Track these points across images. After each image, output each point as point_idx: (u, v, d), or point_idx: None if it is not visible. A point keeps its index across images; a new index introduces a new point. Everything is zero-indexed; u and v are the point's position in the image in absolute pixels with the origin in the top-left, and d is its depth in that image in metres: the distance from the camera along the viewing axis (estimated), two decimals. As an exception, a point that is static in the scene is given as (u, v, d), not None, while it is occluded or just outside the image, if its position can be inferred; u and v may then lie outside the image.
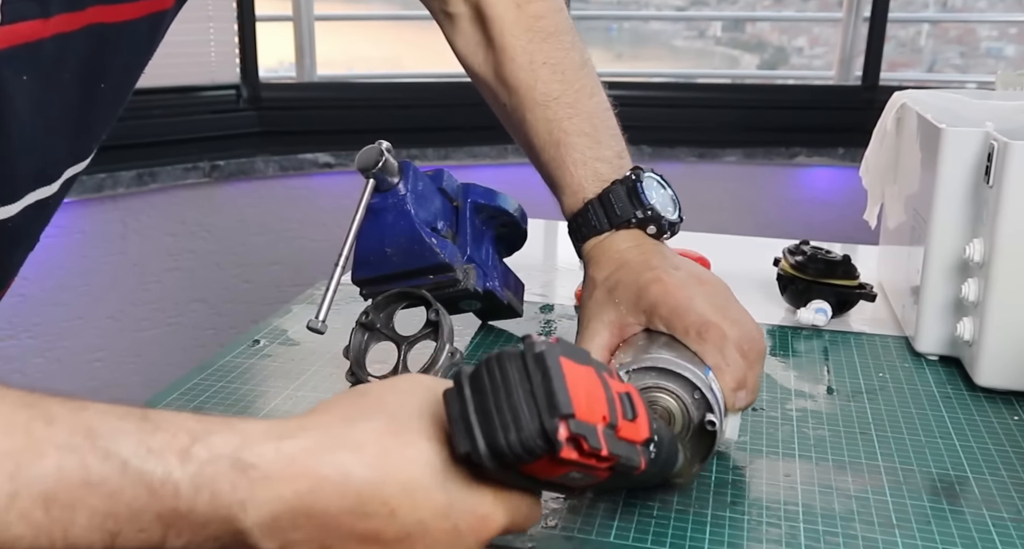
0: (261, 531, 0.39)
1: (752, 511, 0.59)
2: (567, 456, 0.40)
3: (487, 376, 0.41)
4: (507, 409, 0.40)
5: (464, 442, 0.41)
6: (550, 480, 0.43)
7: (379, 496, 0.40)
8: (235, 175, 2.22)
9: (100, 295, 2.12)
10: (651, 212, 0.69)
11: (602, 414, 0.42)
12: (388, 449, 0.41)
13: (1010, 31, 3.16)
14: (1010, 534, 0.57)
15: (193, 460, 0.38)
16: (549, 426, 0.39)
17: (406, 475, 0.41)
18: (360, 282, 0.74)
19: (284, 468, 0.39)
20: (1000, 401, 0.76)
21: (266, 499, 0.39)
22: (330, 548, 0.40)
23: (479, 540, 0.43)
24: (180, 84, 2.20)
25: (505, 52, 0.75)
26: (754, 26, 3.63)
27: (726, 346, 0.61)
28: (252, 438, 0.39)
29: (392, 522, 0.41)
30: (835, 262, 0.92)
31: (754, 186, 2.49)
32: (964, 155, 0.78)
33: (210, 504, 0.38)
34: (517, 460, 0.40)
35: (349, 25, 3.02)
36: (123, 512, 0.36)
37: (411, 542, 0.41)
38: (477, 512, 0.43)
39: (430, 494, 0.41)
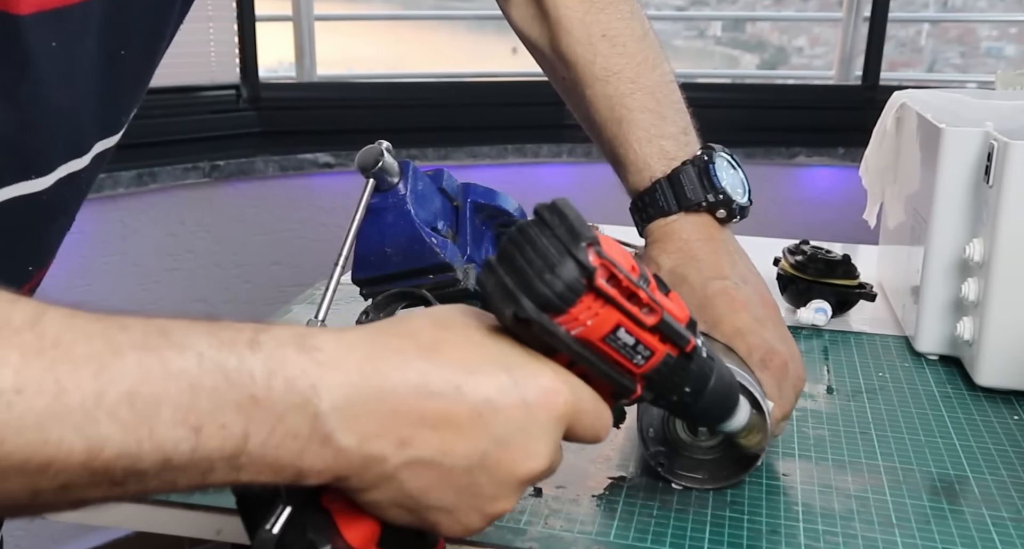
0: (338, 418, 0.38)
1: (752, 511, 0.59)
2: (603, 287, 0.40)
3: (511, 245, 0.42)
4: (537, 258, 0.40)
5: (507, 303, 0.41)
6: (603, 347, 0.42)
7: (440, 375, 0.40)
8: (235, 175, 2.22)
9: (100, 295, 2.12)
10: (723, 196, 0.67)
11: (631, 263, 0.42)
12: (438, 334, 0.42)
13: (1010, 31, 3.16)
14: (1010, 534, 0.57)
15: (262, 347, 0.38)
16: (579, 253, 0.40)
17: (462, 354, 0.41)
18: (360, 282, 0.74)
19: (346, 354, 0.39)
20: (1000, 401, 0.76)
21: (336, 382, 0.38)
22: (407, 441, 0.39)
23: (551, 416, 0.42)
24: (180, 84, 2.20)
25: (561, 25, 0.72)
26: (754, 26, 3.63)
27: (785, 379, 0.61)
28: (311, 331, 0.40)
29: (460, 400, 0.40)
30: (835, 262, 0.92)
31: (754, 186, 2.48)
32: (964, 155, 0.78)
33: (285, 388, 0.37)
34: (561, 299, 0.40)
35: (349, 25, 3.02)
36: (204, 404, 0.36)
37: (484, 422, 0.40)
38: (540, 384, 0.42)
39: (491, 368, 0.41)
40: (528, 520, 0.57)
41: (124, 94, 0.62)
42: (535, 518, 0.58)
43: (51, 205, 0.58)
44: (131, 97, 0.63)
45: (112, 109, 0.61)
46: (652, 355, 0.43)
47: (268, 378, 0.37)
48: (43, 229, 0.61)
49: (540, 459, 0.42)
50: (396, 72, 2.72)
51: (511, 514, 0.58)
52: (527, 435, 0.41)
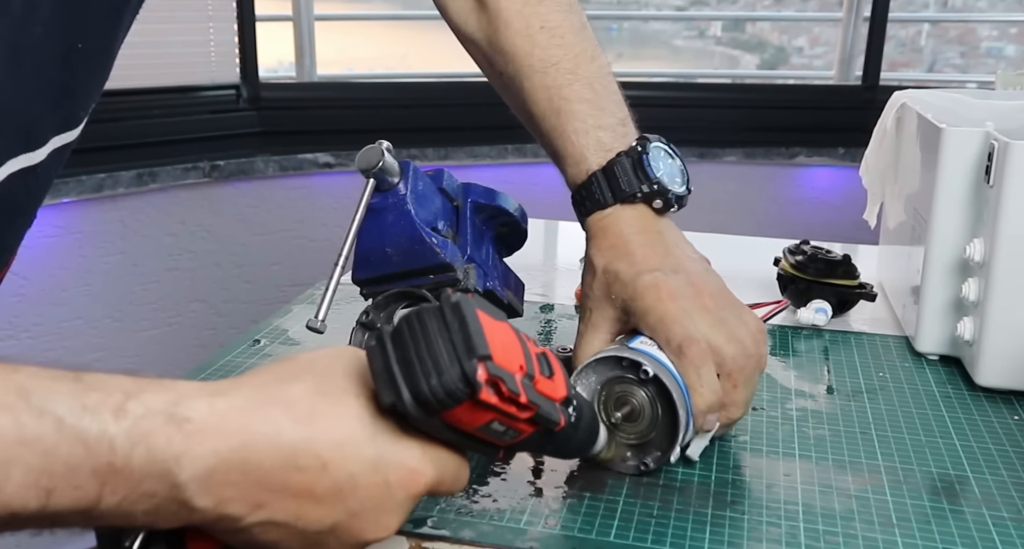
0: (196, 486, 0.39)
1: (752, 511, 0.59)
2: (487, 399, 0.42)
3: (407, 330, 0.43)
4: (428, 357, 0.42)
5: (388, 392, 0.42)
6: (474, 434, 0.44)
7: (310, 450, 0.41)
8: (235, 175, 2.22)
9: (100, 295, 2.12)
10: (657, 186, 0.67)
11: (519, 363, 0.44)
12: (317, 406, 0.42)
13: (1010, 31, 3.16)
14: (1010, 533, 0.57)
15: (128, 416, 0.38)
16: (468, 368, 0.41)
17: (336, 430, 0.42)
18: (360, 282, 0.74)
19: (218, 423, 0.39)
20: (1000, 401, 0.76)
21: (201, 453, 0.39)
22: (264, 505, 0.41)
23: (409, 495, 0.44)
24: (180, 84, 2.20)
25: (500, 16, 0.73)
26: (754, 26, 3.63)
27: (704, 366, 0.60)
28: (185, 395, 0.40)
29: (324, 476, 0.41)
30: (835, 262, 0.92)
31: (754, 186, 2.49)
32: (964, 155, 0.78)
33: (146, 459, 0.38)
34: (440, 405, 0.42)
35: (349, 25, 3.02)
36: (58, 469, 0.36)
37: (343, 497, 0.42)
38: (406, 465, 0.43)
39: (360, 448, 0.42)
40: (528, 520, 0.57)
41: (81, 88, 0.61)
42: (535, 518, 0.58)
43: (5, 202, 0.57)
44: (89, 92, 0.62)
45: (69, 103, 0.60)
46: (520, 434, 0.46)
47: (129, 448, 0.37)
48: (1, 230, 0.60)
49: (387, 530, 0.44)
50: (396, 72, 2.72)
51: (511, 514, 0.58)
52: (380, 510, 0.43)
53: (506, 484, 0.61)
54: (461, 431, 0.44)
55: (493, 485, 0.61)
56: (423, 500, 0.59)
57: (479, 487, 0.61)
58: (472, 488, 0.61)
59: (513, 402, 0.43)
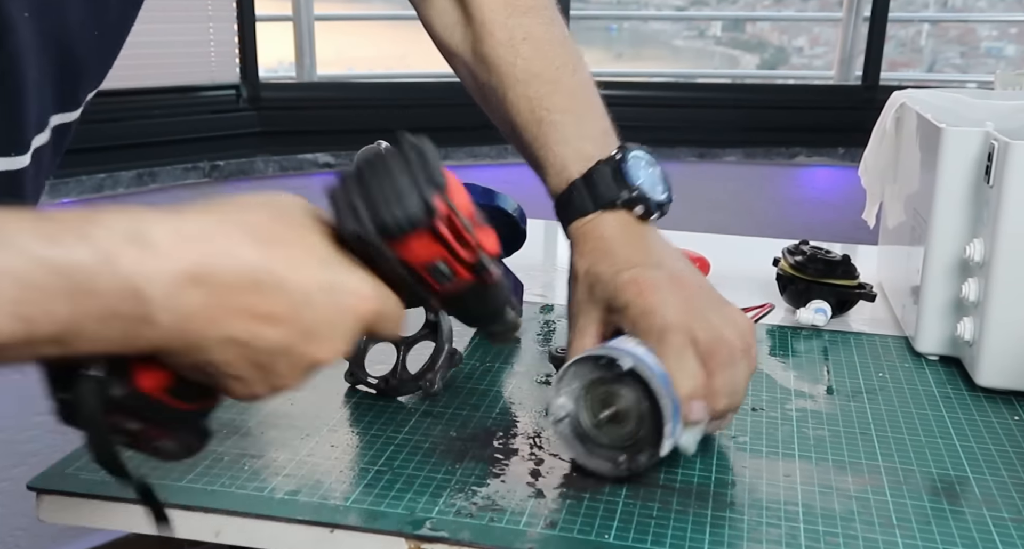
0: (161, 303, 0.40)
1: (752, 511, 0.59)
2: (442, 231, 0.45)
3: (367, 166, 0.46)
4: (389, 187, 0.45)
5: (351, 221, 0.45)
6: (420, 270, 0.47)
7: (268, 267, 0.43)
8: (235, 175, 2.22)
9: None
10: (637, 192, 0.67)
11: (468, 207, 0.47)
12: (274, 230, 0.45)
13: (1010, 31, 3.16)
14: (1010, 534, 0.57)
15: (90, 238, 0.39)
16: (427, 195, 0.45)
17: (292, 252, 0.45)
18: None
19: (181, 245, 0.41)
20: (1000, 401, 0.76)
21: (167, 270, 0.40)
22: (223, 322, 0.42)
23: (356, 319, 0.46)
24: (180, 84, 2.19)
25: (484, 28, 0.74)
26: (754, 26, 3.63)
27: (684, 353, 0.60)
28: (145, 216, 0.42)
29: (280, 293, 0.43)
30: (835, 262, 0.92)
31: (754, 186, 2.49)
32: (964, 155, 0.78)
33: (114, 277, 0.39)
34: (400, 231, 0.45)
35: (349, 25, 3.02)
36: (34, 296, 0.38)
37: (298, 316, 0.44)
38: (357, 291, 0.46)
39: (315, 270, 0.45)
40: (528, 521, 0.57)
41: (90, 71, 0.62)
42: (534, 519, 0.58)
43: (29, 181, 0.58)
44: (96, 75, 0.63)
45: (72, 83, 0.61)
46: (458, 282, 0.49)
47: (98, 268, 0.39)
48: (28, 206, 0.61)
49: (334, 353, 0.46)
50: (396, 72, 2.72)
51: (511, 514, 0.58)
52: (331, 331, 0.46)
53: (505, 485, 0.61)
54: (409, 267, 0.47)
55: (492, 486, 0.61)
56: (421, 500, 0.59)
57: (478, 488, 0.61)
58: (471, 489, 0.61)
59: (462, 241, 0.46)
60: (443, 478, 0.62)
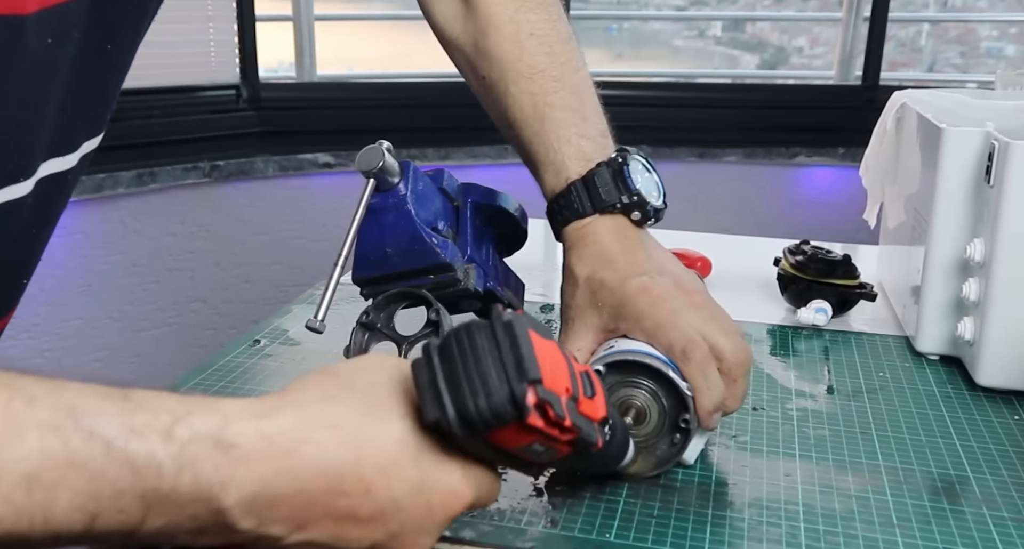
0: (241, 510, 0.39)
1: (752, 510, 0.59)
2: (534, 423, 0.41)
3: (456, 345, 0.42)
4: (476, 375, 0.41)
5: (434, 410, 0.41)
6: (513, 452, 0.44)
7: (355, 474, 0.41)
8: (235, 175, 2.22)
9: (100, 295, 2.12)
10: (637, 197, 0.67)
11: (565, 385, 0.43)
12: (362, 426, 0.42)
13: (1010, 31, 3.16)
14: (1010, 533, 0.57)
15: (175, 440, 0.37)
16: (518, 391, 0.40)
17: (381, 452, 0.42)
18: (360, 282, 0.74)
19: (264, 448, 0.39)
20: (1000, 401, 0.76)
21: (247, 479, 0.38)
22: (306, 526, 0.41)
23: (447, 516, 0.44)
24: (180, 84, 2.20)
25: (491, 21, 0.73)
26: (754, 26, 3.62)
27: (709, 367, 0.60)
28: (232, 418, 0.39)
29: (367, 500, 0.41)
30: (835, 262, 0.92)
31: (754, 186, 2.49)
32: (965, 155, 0.78)
33: (192, 484, 0.37)
34: (486, 426, 0.41)
35: (349, 25, 3.02)
36: (105, 493, 0.36)
37: (384, 519, 0.42)
38: (448, 487, 0.44)
39: (404, 471, 0.42)
40: (528, 520, 0.57)
41: (109, 90, 0.61)
42: (535, 518, 0.58)
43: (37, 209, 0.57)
44: (114, 93, 0.62)
45: (98, 106, 0.61)
46: (557, 454, 0.45)
47: (177, 473, 0.37)
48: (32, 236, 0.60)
49: (423, 548, 0.44)
50: (396, 72, 2.72)
51: (511, 514, 0.58)
52: (419, 531, 0.44)
53: (506, 484, 0.61)
54: (502, 450, 0.44)
55: (493, 485, 0.61)
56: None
57: (479, 487, 0.61)
58: (472, 488, 0.61)
59: (558, 425, 0.43)
60: (444, 477, 0.62)
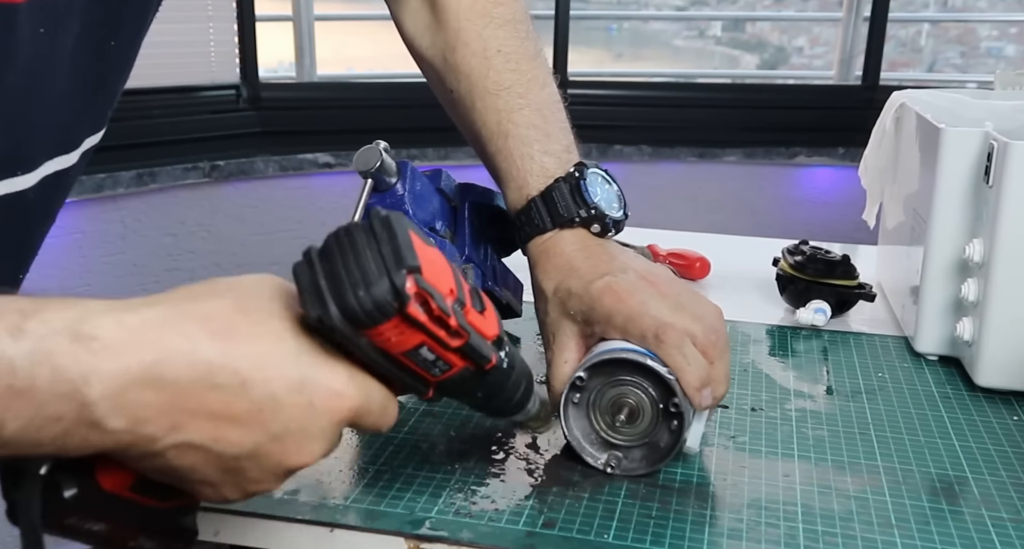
0: (108, 405, 0.37)
1: (751, 511, 0.59)
2: (415, 314, 0.41)
3: (335, 245, 0.42)
4: (356, 269, 0.40)
5: (315, 306, 0.41)
6: (402, 359, 0.43)
7: (229, 366, 0.40)
8: (235, 175, 2.22)
9: (100, 295, 2.12)
10: (595, 211, 0.68)
11: (450, 287, 0.43)
12: (237, 323, 0.41)
13: (1010, 31, 3.16)
14: (1009, 534, 0.57)
15: (28, 336, 0.36)
16: (398, 280, 0.40)
17: (257, 347, 0.41)
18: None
19: (128, 339, 0.38)
20: (1000, 401, 0.76)
21: (111, 371, 0.37)
22: (180, 426, 0.39)
23: (333, 420, 0.43)
24: (180, 84, 2.20)
25: (459, 36, 0.74)
26: (754, 26, 3.62)
27: (685, 345, 0.61)
28: (91, 311, 0.38)
29: (243, 394, 0.40)
30: (834, 262, 0.92)
31: (754, 186, 2.49)
32: (964, 155, 0.78)
33: (51, 379, 0.36)
34: (368, 318, 0.40)
35: (349, 25, 3.02)
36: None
37: (263, 418, 0.41)
38: (331, 387, 0.42)
39: (282, 368, 0.41)
40: (527, 520, 0.57)
41: (110, 86, 0.61)
42: (534, 518, 0.58)
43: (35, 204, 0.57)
44: (116, 90, 0.62)
45: (100, 102, 0.61)
46: (450, 369, 0.45)
47: (31, 369, 0.36)
48: (27, 231, 0.60)
49: (312, 456, 0.43)
50: (396, 72, 2.72)
51: (510, 514, 0.58)
52: (304, 433, 0.42)
53: (504, 485, 0.61)
54: (388, 355, 0.43)
55: (492, 486, 0.61)
56: (420, 499, 0.59)
57: (478, 488, 0.61)
58: (470, 489, 0.61)
59: (442, 324, 0.42)
60: (443, 478, 0.62)
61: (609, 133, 2.39)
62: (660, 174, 2.45)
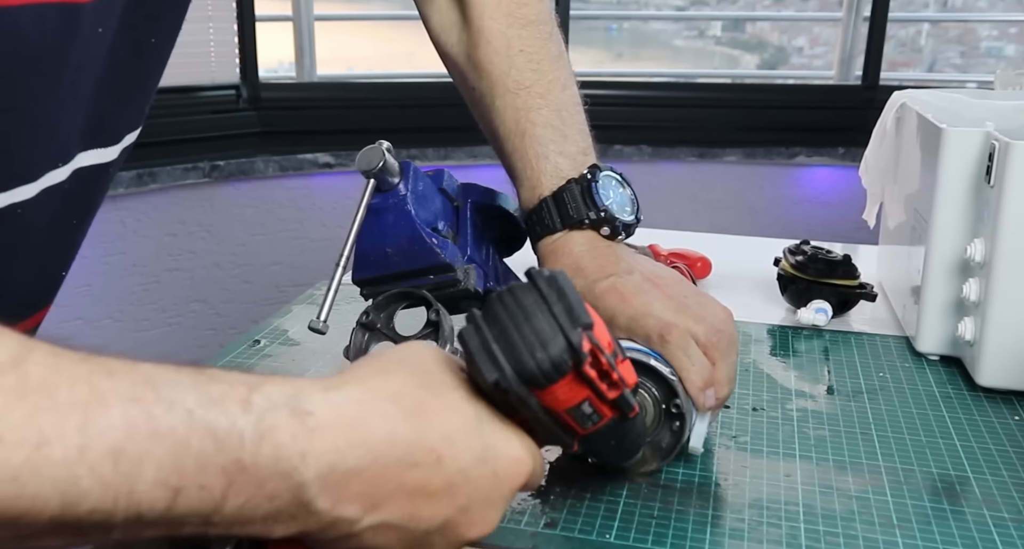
0: (319, 485, 0.37)
1: (753, 511, 0.59)
2: (588, 372, 0.41)
3: (502, 307, 0.42)
4: (528, 330, 0.41)
5: (491, 370, 0.41)
6: (563, 415, 0.44)
7: (424, 444, 0.40)
8: (235, 175, 2.22)
9: (100, 295, 2.12)
10: (604, 213, 0.68)
11: (608, 340, 0.44)
12: (423, 399, 0.42)
13: (1010, 31, 3.16)
14: (1011, 534, 0.57)
15: (254, 408, 0.36)
16: (574, 337, 0.40)
17: (445, 423, 0.42)
18: (360, 282, 0.74)
19: (336, 418, 0.39)
20: (1001, 401, 0.76)
21: (323, 450, 0.38)
22: (380, 505, 0.40)
23: (512, 486, 0.44)
24: (180, 84, 2.20)
25: (482, 34, 0.74)
26: (754, 26, 3.62)
27: (689, 346, 0.61)
28: (303, 388, 0.39)
29: (438, 471, 0.41)
30: (835, 262, 0.92)
31: (754, 186, 2.49)
32: (965, 155, 0.78)
33: (272, 455, 0.36)
34: (545, 378, 0.41)
35: (349, 25, 3.02)
36: (189, 465, 0.34)
37: (455, 492, 0.42)
38: (511, 455, 0.43)
39: (469, 439, 0.42)
40: (528, 521, 0.57)
41: (149, 83, 0.62)
42: (535, 519, 0.58)
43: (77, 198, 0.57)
44: (153, 86, 0.63)
45: (140, 98, 0.61)
46: (600, 420, 0.45)
47: (258, 442, 0.36)
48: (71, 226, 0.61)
49: (491, 525, 0.44)
50: (396, 72, 2.72)
51: (511, 514, 0.58)
52: (487, 503, 0.43)
53: (506, 485, 0.61)
54: (554, 413, 0.43)
55: (493, 486, 0.61)
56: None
57: (479, 488, 0.61)
58: (472, 489, 0.61)
59: (607, 379, 0.43)
60: (444, 478, 0.62)
61: (609, 133, 2.39)
62: (660, 174, 2.45)
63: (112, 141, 0.59)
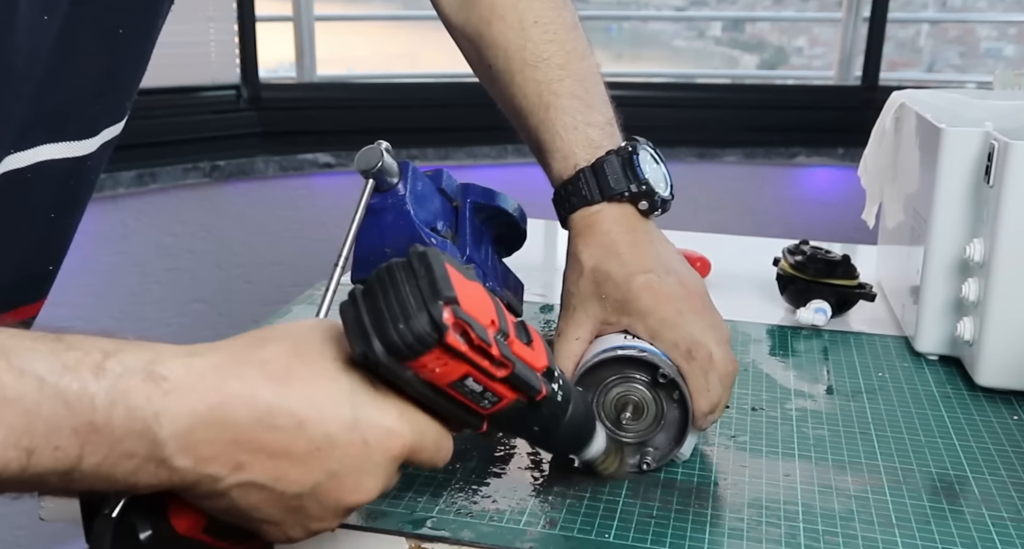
0: (176, 444, 0.39)
1: (752, 510, 0.59)
2: (454, 343, 0.42)
3: (377, 283, 0.43)
4: (396, 304, 0.42)
5: (359, 342, 0.42)
6: (449, 390, 0.44)
7: (285, 408, 0.41)
8: (235, 175, 2.22)
9: (100, 295, 2.12)
10: (645, 186, 0.67)
11: (490, 318, 0.44)
12: (292, 366, 0.43)
13: (1010, 31, 3.16)
14: (1010, 534, 0.57)
15: (107, 374, 0.38)
16: (434, 310, 0.41)
17: (311, 388, 0.42)
18: (360, 282, 0.74)
19: (194, 382, 0.40)
20: (1000, 401, 0.76)
21: (179, 412, 0.39)
22: (243, 465, 0.41)
23: (387, 457, 0.44)
24: (180, 84, 2.19)
25: (494, 10, 0.73)
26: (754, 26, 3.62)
27: (711, 371, 0.61)
28: (162, 354, 0.40)
29: (300, 434, 0.41)
30: (835, 262, 0.92)
31: (754, 186, 2.49)
32: (964, 155, 0.78)
33: (126, 417, 0.38)
34: (409, 350, 0.41)
35: (349, 25, 3.02)
36: (39, 428, 0.36)
37: (321, 457, 0.42)
38: (383, 425, 0.43)
39: (336, 406, 0.42)
40: (528, 521, 0.57)
41: (123, 75, 0.62)
42: (534, 518, 0.58)
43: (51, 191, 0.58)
44: (131, 80, 0.63)
45: (114, 90, 0.61)
46: (500, 401, 0.45)
47: (109, 406, 0.38)
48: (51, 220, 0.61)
49: (368, 493, 0.44)
50: (396, 72, 2.71)
51: (511, 514, 0.58)
52: (360, 472, 0.43)
53: (506, 484, 0.61)
54: (435, 387, 0.44)
55: (493, 486, 0.61)
56: (422, 499, 0.59)
57: (479, 487, 0.61)
58: (472, 488, 0.61)
59: (485, 354, 0.43)
60: (444, 477, 0.62)
61: (609, 133, 2.39)
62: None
63: (86, 134, 0.59)
